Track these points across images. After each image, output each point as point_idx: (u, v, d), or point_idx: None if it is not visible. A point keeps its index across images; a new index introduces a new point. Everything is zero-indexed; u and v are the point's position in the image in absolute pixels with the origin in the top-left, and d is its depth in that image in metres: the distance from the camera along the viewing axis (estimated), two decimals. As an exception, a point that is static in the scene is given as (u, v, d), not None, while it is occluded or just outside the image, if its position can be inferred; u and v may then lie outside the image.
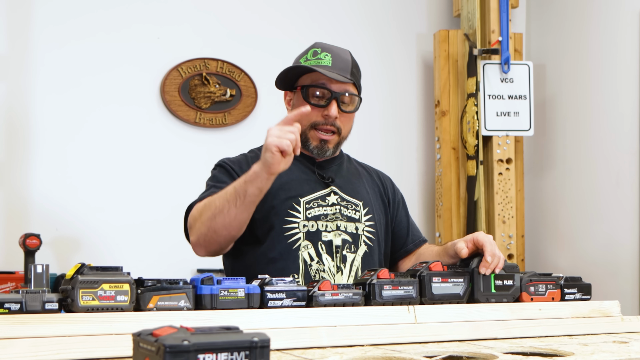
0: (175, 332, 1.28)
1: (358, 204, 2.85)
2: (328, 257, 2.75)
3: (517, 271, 2.37)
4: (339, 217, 2.79)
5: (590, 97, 4.87)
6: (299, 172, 2.84)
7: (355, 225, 2.82)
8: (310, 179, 2.84)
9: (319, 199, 2.80)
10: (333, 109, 2.75)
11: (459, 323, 2.17)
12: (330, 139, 2.81)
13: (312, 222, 2.76)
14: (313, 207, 2.78)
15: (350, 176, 2.93)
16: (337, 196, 2.83)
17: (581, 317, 2.38)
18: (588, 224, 4.85)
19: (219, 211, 2.54)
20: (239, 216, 2.53)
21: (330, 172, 2.89)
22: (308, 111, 2.47)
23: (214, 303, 1.97)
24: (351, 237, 2.79)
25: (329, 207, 2.80)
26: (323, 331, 1.98)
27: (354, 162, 3.05)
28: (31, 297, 1.80)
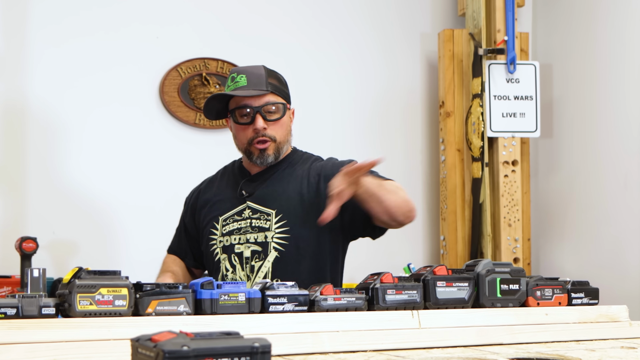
0: (175, 338, 1.28)
1: (270, 213, 3.09)
2: (239, 267, 3.09)
3: (523, 275, 2.37)
4: (249, 230, 3.09)
5: (598, 97, 4.86)
6: (228, 189, 3.23)
7: (265, 234, 3.08)
8: (232, 196, 3.19)
9: (235, 214, 3.14)
10: (259, 122, 3.05)
11: (463, 328, 2.17)
12: (267, 146, 3.09)
13: (226, 237, 3.12)
14: (229, 224, 3.14)
15: (277, 184, 3.15)
16: (250, 209, 3.12)
17: (588, 322, 2.38)
18: (595, 227, 4.84)
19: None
20: None
21: (257, 185, 3.16)
22: None
23: (214, 308, 1.97)
24: (261, 247, 3.07)
25: (243, 221, 3.12)
26: (325, 336, 1.98)
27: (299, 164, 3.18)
28: (27, 302, 1.80)
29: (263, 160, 3.10)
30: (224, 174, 3.35)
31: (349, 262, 3.24)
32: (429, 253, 5.28)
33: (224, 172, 3.36)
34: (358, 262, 3.50)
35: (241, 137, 3.11)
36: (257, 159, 3.10)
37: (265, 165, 3.14)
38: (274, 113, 3.09)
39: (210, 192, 3.30)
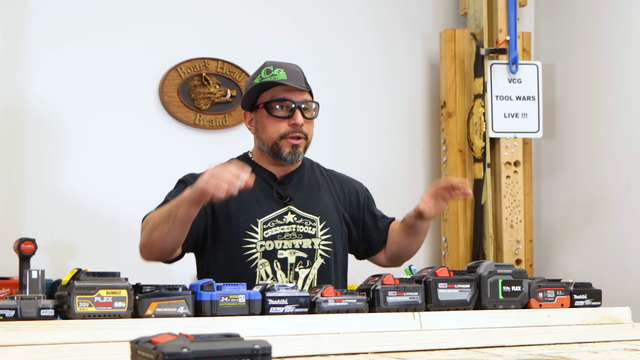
0: (174, 340, 1.28)
1: (315, 220, 3.09)
2: (282, 274, 3.02)
3: (526, 277, 2.37)
4: (294, 236, 3.05)
5: (601, 97, 4.86)
6: (259, 191, 3.08)
7: (312, 240, 3.07)
8: (268, 198, 3.09)
9: (276, 218, 3.06)
10: (299, 118, 3.04)
11: (465, 330, 2.17)
12: (300, 143, 3.07)
13: (269, 242, 3.02)
14: (270, 227, 3.04)
15: (309, 189, 3.17)
16: (294, 215, 3.08)
17: (591, 324, 2.38)
18: (598, 228, 4.84)
19: (156, 226, 2.87)
20: (171, 234, 2.82)
21: (290, 188, 3.13)
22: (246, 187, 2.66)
23: (214, 309, 1.97)
24: (307, 253, 3.06)
25: (286, 226, 3.05)
26: (326, 338, 1.98)
27: (316, 171, 3.28)
28: (26, 304, 1.80)
29: (294, 157, 3.06)
30: None
31: (350, 263, 3.27)
32: (431, 254, 5.28)
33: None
34: (359, 264, 3.49)
35: (272, 131, 3.04)
36: (287, 155, 3.04)
37: (291, 162, 3.09)
38: (311, 111, 3.10)
39: None
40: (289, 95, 3.03)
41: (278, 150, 3.05)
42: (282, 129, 3.03)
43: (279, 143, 3.04)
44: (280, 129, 3.03)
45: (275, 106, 3.03)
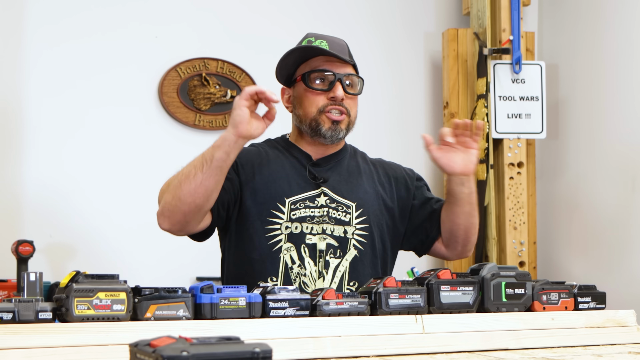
0: (174, 343, 1.28)
1: (350, 206, 2.86)
2: (310, 262, 2.76)
3: (529, 279, 2.37)
4: (326, 220, 2.80)
5: (605, 98, 4.86)
6: (291, 169, 2.87)
7: (344, 228, 2.82)
8: (300, 178, 2.86)
9: (307, 199, 2.81)
10: (339, 90, 2.81)
11: (468, 333, 2.17)
12: (342, 120, 2.84)
13: (296, 224, 2.78)
14: (299, 208, 2.79)
15: (348, 174, 2.94)
16: (327, 197, 2.84)
17: (595, 326, 2.38)
18: (603, 230, 4.84)
19: (185, 177, 2.59)
20: (205, 182, 2.56)
21: (325, 171, 2.90)
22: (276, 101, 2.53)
23: (214, 312, 1.97)
24: (338, 241, 2.80)
25: (317, 209, 2.81)
26: (327, 342, 1.98)
27: (359, 158, 3.05)
28: (24, 307, 1.80)
29: (334, 133, 2.84)
30: (270, 148, 2.97)
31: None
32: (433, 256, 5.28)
33: (269, 146, 2.98)
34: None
35: (310, 105, 2.82)
36: (327, 130, 2.82)
37: (332, 141, 2.87)
38: (354, 87, 2.88)
39: (261, 160, 2.89)
40: (330, 67, 2.84)
41: (317, 126, 2.83)
42: (321, 103, 2.82)
43: (317, 118, 2.82)
44: (318, 103, 2.82)
45: (313, 78, 2.83)
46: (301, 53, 2.87)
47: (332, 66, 2.84)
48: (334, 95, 2.81)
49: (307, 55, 2.87)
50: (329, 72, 2.83)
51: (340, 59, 2.85)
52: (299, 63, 2.89)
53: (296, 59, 2.89)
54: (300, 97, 2.87)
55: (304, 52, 2.87)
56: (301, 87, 2.86)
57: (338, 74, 2.82)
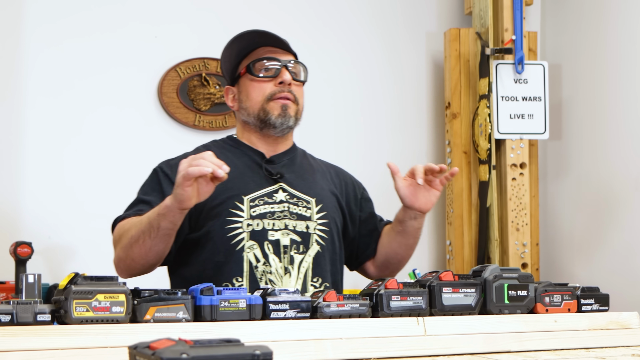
0: (174, 345, 1.28)
1: (310, 201, 2.86)
2: (275, 258, 2.74)
3: (532, 281, 2.37)
4: (287, 216, 2.79)
5: (608, 98, 4.86)
6: (245, 168, 2.86)
7: (306, 223, 2.82)
8: (256, 175, 2.85)
9: (265, 196, 2.80)
10: (286, 75, 2.84)
11: (470, 335, 2.17)
12: (290, 105, 2.85)
13: (257, 221, 2.76)
14: (258, 205, 2.78)
15: (303, 171, 2.94)
16: (286, 193, 2.83)
17: (598, 329, 2.38)
18: (606, 231, 4.84)
19: (135, 241, 2.59)
20: (155, 248, 2.57)
21: (280, 167, 2.90)
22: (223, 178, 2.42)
23: (214, 314, 1.97)
24: (301, 237, 2.79)
25: (277, 205, 2.80)
26: (328, 344, 1.98)
27: (309, 158, 3.06)
28: (22, 309, 1.81)
29: (284, 120, 2.83)
30: (219, 148, 2.91)
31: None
32: (435, 258, 5.28)
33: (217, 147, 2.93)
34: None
35: (258, 94, 2.83)
36: (277, 117, 2.82)
37: (282, 130, 2.85)
38: (299, 74, 2.90)
39: None
40: (273, 54, 2.87)
41: (266, 115, 2.83)
42: (268, 90, 2.83)
43: (266, 107, 2.83)
44: (265, 90, 2.83)
45: (259, 67, 2.85)
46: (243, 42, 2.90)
47: (275, 54, 2.88)
48: (282, 79, 2.83)
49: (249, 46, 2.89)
50: (274, 60, 2.86)
51: (283, 48, 2.90)
52: (241, 56, 2.90)
53: (240, 50, 2.90)
54: (246, 89, 2.88)
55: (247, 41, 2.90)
56: (247, 79, 2.88)
57: (283, 61, 2.86)
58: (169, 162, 2.90)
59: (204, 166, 2.35)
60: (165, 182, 2.82)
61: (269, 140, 2.91)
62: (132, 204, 2.84)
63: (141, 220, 2.60)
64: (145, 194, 2.83)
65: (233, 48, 2.92)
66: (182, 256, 2.82)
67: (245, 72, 2.88)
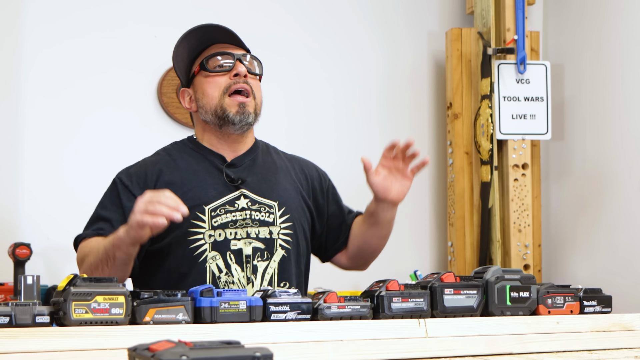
0: (173, 347, 1.28)
1: (272, 205, 2.83)
2: (237, 268, 2.74)
3: (534, 282, 2.37)
4: (249, 224, 2.77)
5: (611, 98, 4.86)
6: (206, 175, 2.83)
7: (269, 229, 2.80)
8: (217, 182, 2.82)
9: (226, 204, 2.78)
10: (241, 67, 2.81)
11: (472, 337, 2.17)
12: (248, 102, 2.81)
13: (219, 231, 2.74)
14: (220, 214, 2.76)
15: (265, 172, 2.91)
16: (248, 200, 2.80)
17: (601, 331, 2.38)
18: (609, 232, 4.84)
19: (95, 268, 2.61)
20: (114, 274, 2.54)
21: (242, 170, 2.87)
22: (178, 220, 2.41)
23: (214, 316, 1.97)
24: (264, 243, 2.78)
25: (238, 212, 2.78)
26: (329, 346, 1.98)
27: (273, 154, 3.03)
28: (21, 310, 1.81)
29: (243, 117, 2.79)
30: (179, 153, 2.93)
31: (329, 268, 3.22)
32: (436, 259, 5.28)
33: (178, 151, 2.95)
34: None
35: (213, 89, 2.81)
36: (235, 115, 2.78)
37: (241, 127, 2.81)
38: (255, 68, 2.88)
39: (170, 174, 2.84)
40: (226, 49, 2.85)
41: (223, 113, 2.79)
42: (224, 83, 2.80)
43: (223, 104, 2.79)
44: (221, 84, 2.80)
45: (212, 62, 2.83)
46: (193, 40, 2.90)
47: (227, 48, 2.86)
48: (237, 71, 2.81)
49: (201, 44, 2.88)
50: (227, 54, 2.84)
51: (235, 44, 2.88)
52: (193, 56, 2.90)
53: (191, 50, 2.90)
54: (202, 87, 2.85)
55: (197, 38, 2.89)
56: (201, 76, 2.86)
57: (237, 54, 2.83)
58: (128, 171, 2.89)
59: (158, 214, 2.35)
60: (124, 195, 2.81)
61: (229, 140, 2.88)
62: (91, 219, 2.85)
63: (98, 248, 2.61)
64: (103, 208, 2.83)
65: (184, 46, 2.91)
66: (147, 266, 2.80)
67: (200, 70, 2.86)
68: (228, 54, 2.83)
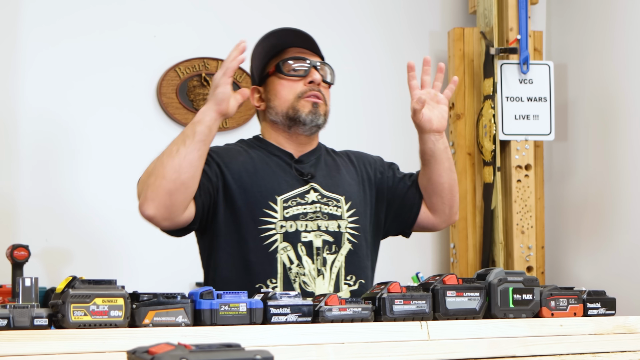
0: (173, 350, 1.28)
1: (340, 199, 2.89)
2: (308, 260, 2.77)
3: (537, 285, 2.37)
4: (320, 216, 2.82)
5: (615, 99, 4.86)
6: (276, 167, 2.89)
7: (338, 222, 2.85)
8: (287, 175, 2.88)
9: (297, 196, 2.83)
10: (316, 75, 2.88)
11: (475, 340, 2.17)
12: (320, 103, 2.89)
13: (290, 222, 2.78)
14: (291, 206, 2.80)
15: (329, 169, 2.98)
16: (317, 193, 2.86)
17: (605, 333, 2.38)
18: (612, 234, 4.83)
19: (167, 155, 2.63)
20: (189, 156, 2.59)
21: (309, 167, 2.93)
22: (244, 47, 2.70)
23: (214, 318, 1.97)
24: (333, 237, 2.83)
25: (309, 205, 2.83)
26: (330, 348, 1.98)
27: (332, 154, 3.10)
28: (19, 313, 1.81)
29: (314, 117, 2.86)
30: (250, 148, 2.97)
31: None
32: (439, 261, 5.28)
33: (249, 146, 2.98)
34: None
35: (288, 92, 2.86)
36: (307, 115, 2.85)
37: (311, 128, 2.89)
38: (327, 76, 2.96)
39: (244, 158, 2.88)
40: (303, 54, 2.92)
41: (296, 113, 2.85)
42: (299, 89, 2.86)
43: (296, 105, 2.86)
44: (296, 89, 2.86)
45: (288, 66, 2.88)
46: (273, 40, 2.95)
47: (305, 54, 2.93)
48: (312, 79, 2.87)
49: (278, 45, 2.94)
50: (304, 60, 2.91)
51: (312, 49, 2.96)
52: (270, 56, 2.94)
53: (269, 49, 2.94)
54: (274, 88, 2.91)
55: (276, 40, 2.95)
56: (275, 77, 2.91)
57: (313, 61, 2.91)
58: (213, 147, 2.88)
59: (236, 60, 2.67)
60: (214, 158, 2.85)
61: (296, 140, 2.94)
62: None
63: (173, 139, 2.68)
64: None
65: (263, 46, 2.96)
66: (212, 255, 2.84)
67: (274, 71, 2.91)
68: (304, 60, 2.91)
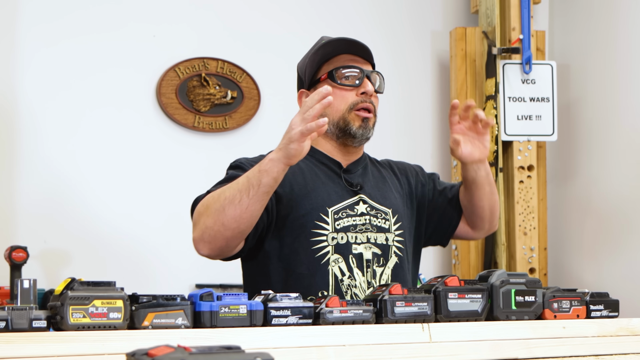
0: (173, 352, 1.28)
1: (387, 212, 2.87)
2: (359, 272, 2.76)
3: (540, 286, 2.37)
4: (369, 228, 2.81)
5: (618, 99, 4.86)
6: (325, 178, 2.86)
7: (386, 235, 2.84)
8: (337, 185, 2.85)
9: (347, 208, 2.81)
10: (369, 86, 2.85)
11: (477, 342, 2.17)
12: (370, 117, 2.87)
13: (341, 234, 2.76)
14: (342, 218, 2.78)
15: (376, 180, 2.95)
16: (367, 205, 2.84)
17: (608, 335, 2.37)
18: (615, 235, 4.83)
19: (229, 202, 2.51)
20: (251, 207, 2.51)
21: (357, 177, 2.91)
22: (330, 102, 2.47)
23: (214, 320, 1.97)
24: (381, 249, 2.81)
25: (358, 217, 2.81)
26: (331, 351, 1.98)
27: (375, 163, 3.07)
28: (17, 314, 1.81)
29: (364, 131, 2.84)
30: None
31: None
32: (440, 263, 5.28)
33: None
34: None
35: (340, 102, 2.81)
36: (358, 129, 2.82)
37: (361, 141, 2.86)
38: (379, 85, 2.95)
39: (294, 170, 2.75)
40: (356, 63, 2.87)
41: (346, 125, 2.83)
42: (351, 99, 2.83)
43: (347, 117, 2.82)
44: (348, 99, 2.83)
45: (341, 74, 2.84)
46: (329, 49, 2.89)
47: (357, 63, 2.88)
48: (365, 90, 2.84)
49: (332, 52, 2.88)
50: (357, 69, 2.86)
51: (364, 57, 2.90)
52: (323, 61, 2.89)
53: (322, 56, 2.89)
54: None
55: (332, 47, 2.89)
56: (327, 84, 2.82)
57: (366, 70, 2.87)
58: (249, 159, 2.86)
59: (319, 121, 2.43)
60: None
61: (344, 150, 2.92)
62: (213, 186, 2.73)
63: (236, 181, 2.56)
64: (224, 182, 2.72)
65: (318, 53, 2.90)
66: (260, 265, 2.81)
67: (327, 78, 2.87)
68: (358, 69, 2.86)
